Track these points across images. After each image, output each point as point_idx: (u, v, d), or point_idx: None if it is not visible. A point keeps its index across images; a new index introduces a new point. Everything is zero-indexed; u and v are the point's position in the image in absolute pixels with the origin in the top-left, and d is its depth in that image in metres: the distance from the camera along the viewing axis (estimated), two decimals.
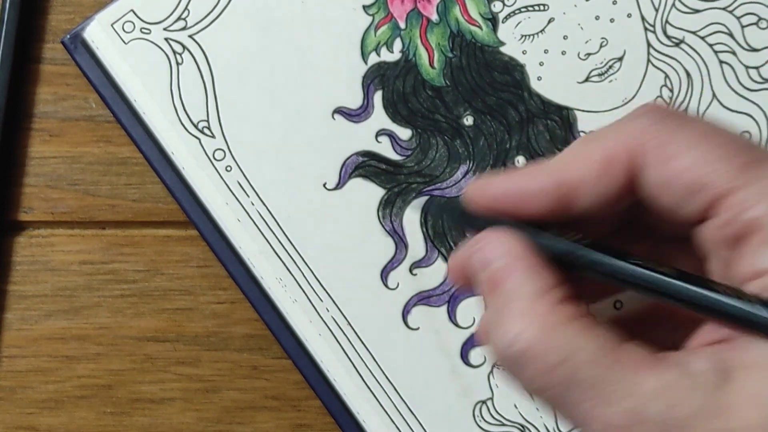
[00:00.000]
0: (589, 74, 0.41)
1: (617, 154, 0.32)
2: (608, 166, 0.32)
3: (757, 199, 0.30)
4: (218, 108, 0.41)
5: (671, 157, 0.31)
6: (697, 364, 0.30)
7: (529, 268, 0.32)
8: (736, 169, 0.30)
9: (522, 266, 0.32)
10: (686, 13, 0.41)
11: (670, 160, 0.31)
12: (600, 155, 0.33)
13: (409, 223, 0.41)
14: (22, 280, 0.44)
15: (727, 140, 0.31)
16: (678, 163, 0.31)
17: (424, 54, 0.42)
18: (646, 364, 0.30)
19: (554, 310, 0.31)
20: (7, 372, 0.44)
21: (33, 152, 0.44)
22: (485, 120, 0.41)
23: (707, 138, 0.31)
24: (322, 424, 0.43)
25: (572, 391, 0.31)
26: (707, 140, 0.31)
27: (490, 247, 0.33)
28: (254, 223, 0.41)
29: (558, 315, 0.31)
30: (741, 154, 0.31)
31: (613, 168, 0.32)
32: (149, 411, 0.44)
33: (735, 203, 0.30)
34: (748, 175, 0.30)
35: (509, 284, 0.32)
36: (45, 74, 0.44)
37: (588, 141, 0.33)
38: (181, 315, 0.43)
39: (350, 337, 0.41)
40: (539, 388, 0.31)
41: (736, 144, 0.31)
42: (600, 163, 0.32)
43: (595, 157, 0.33)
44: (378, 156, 0.41)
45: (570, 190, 0.33)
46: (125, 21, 0.41)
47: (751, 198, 0.30)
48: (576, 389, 0.31)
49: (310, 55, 0.42)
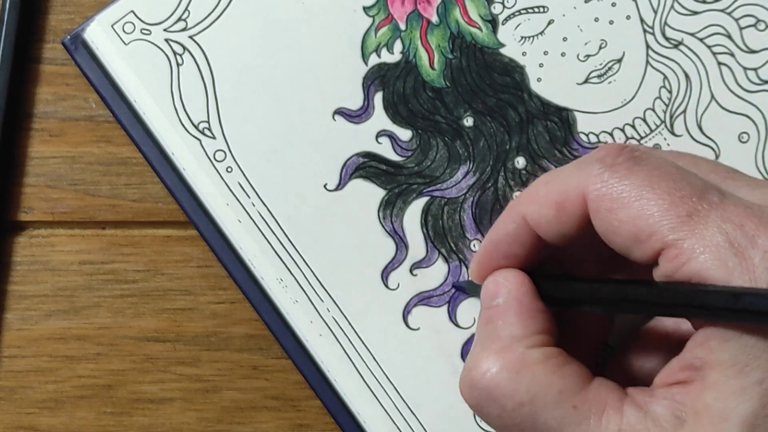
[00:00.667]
0: (588, 76, 0.42)
1: (571, 198, 0.34)
2: (563, 209, 0.35)
3: (697, 250, 0.31)
4: (219, 109, 0.41)
5: (618, 206, 0.33)
6: (657, 408, 0.32)
7: (521, 313, 0.35)
8: (679, 221, 0.32)
9: (516, 309, 0.35)
10: (685, 15, 0.42)
11: (616, 209, 0.33)
12: (555, 198, 0.35)
13: (410, 223, 0.41)
14: (22, 280, 0.44)
15: (672, 188, 0.32)
16: (623, 213, 0.33)
17: (424, 55, 0.42)
18: (611, 405, 0.32)
19: (527, 353, 0.34)
20: (7, 372, 0.44)
21: (33, 152, 0.44)
22: (485, 121, 0.42)
23: (653, 187, 0.32)
24: (322, 424, 0.43)
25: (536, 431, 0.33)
26: (653, 189, 0.32)
27: (495, 284, 0.36)
28: (255, 223, 0.41)
29: (529, 357, 0.33)
30: (684, 203, 0.32)
31: (567, 210, 0.35)
32: (149, 411, 0.44)
33: (678, 254, 0.31)
34: (689, 226, 0.31)
35: (498, 323, 0.35)
36: (45, 74, 0.44)
37: (548, 181, 0.35)
38: (181, 315, 0.44)
39: (351, 338, 0.41)
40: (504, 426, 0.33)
41: (680, 192, 0.32)
42: (556, 205, 0.35)
43: (553, 199, 0.35)
44: (378, 157, 0.41)
45: (535, 227, 0.35)
46: (125, 22, 0.41)
47: (692, 250, 0.31)
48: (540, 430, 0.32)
49: (310, 57, 0.42)
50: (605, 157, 0.34)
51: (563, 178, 0.35)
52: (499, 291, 0.36)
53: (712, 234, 0.31)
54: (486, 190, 0.41)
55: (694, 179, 0.33)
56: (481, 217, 0.41)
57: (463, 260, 0.41)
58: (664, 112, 0.41)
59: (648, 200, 0.32)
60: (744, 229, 0.31)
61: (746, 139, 0.41)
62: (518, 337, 0.34)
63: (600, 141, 0.41)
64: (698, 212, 0.31)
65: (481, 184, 0.41)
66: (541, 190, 0.35)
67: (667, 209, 0.32)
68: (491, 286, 0.36)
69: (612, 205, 0.33)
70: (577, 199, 0.34)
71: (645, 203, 0.32)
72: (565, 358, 0.34)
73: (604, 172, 0.33)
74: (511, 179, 0.41)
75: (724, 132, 0.41)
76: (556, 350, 0.34)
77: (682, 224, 0.31)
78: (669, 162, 0.34)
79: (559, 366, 0.33)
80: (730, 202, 0.32)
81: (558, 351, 0.34)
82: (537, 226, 0.35)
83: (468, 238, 0.41)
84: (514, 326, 0.35)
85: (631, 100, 0.41)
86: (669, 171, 0.33)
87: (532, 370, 0.33)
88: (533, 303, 0.35)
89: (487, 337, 0.35)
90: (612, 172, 0.33)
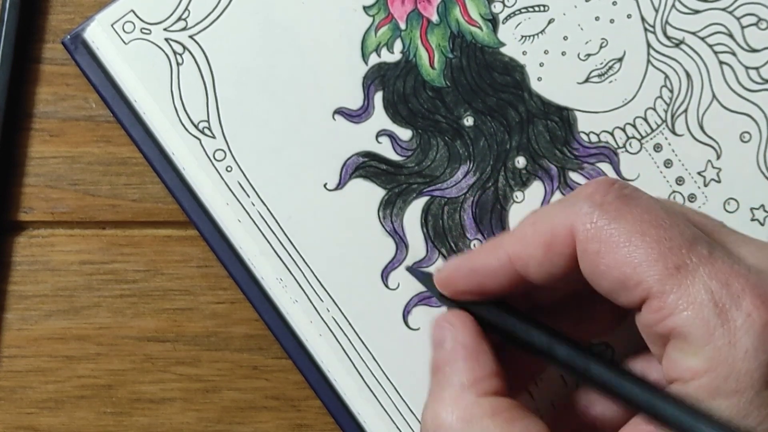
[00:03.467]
0: (589, 75, 0.41)
1: (560, 237, 0.34)
2: (552, 248, 0.34)
3: (681, 306, 0.31)
4: (219, 108, 0.41)
5: (606, 250, 0.32)
6: None
7: (466, 357, 0.34)
8: (666, 273, 0.31)
9: (463, 354, 0.35)
10: (686, 14, 0.42)
11: (604, 253, 0.33)
12: (544, 238, 0.34)
13: (410, 223, 0.41)
14: (22, 280, 0.44)
15: (662, 236, 0.32)
16: (611, 258, 0.32)
17: (424, 55, 0.42)
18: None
19: (479, 402, 0.33)
20: (7, 372, 0.44)
21: (33, 152, 0.44)
22: (485, 120, 0.42)
23: (642, 234, 0.32)
24: (322, 424, 0.43)
25: None
26: (642, 236, 0.32)
27: (441, 330, 0.36)
28: (255, 223, 0.41)
29: (482, 408, 0.33)
30: (673, 254, 0.31)
31: (556, 250, 0.34)
32: (149, 411, 0.44)
33: (661, 307, 0.31)
34: (675, 280, 0.31)
35: (447, 370, 0.35)
36: (45, 74, 0.44)
37: (536, 220, 0.35)
38: (181, 315, 0.44)
39: (351, 338, 0.41)
40: None
41: (670, 242, 0.32)
42: (544, 245, 0.34)
43: (541, 239, 0.34)
44: (378, 156, 0.41)
45: (522, 268, 0.35)
46: (125, 21, 0.41)
47: (675, 305, 0.31)
48: None
49: (310, 56, 0.42)
50: (594, 194, 0.33)
51: (551, 217, 0.34)
52: (444, 336, 0.35)
53: (698, 290, 0.31)
54: (486, 189, 0.41)
55: (684, 228, 0.32)
56: (482, 217, 0.41)
57: None
58: (666, 111, 0.41)
59: (637, 247, 0.32)
60: (730, 289, 0.31)
61: (748, 138, 0.41)
62: (467, 385, 0.34)
63: (600, 140, 0.41)
64: (686, 266, 0.31)
65: (482, 183, 0.41)
66: (528, 230, 0.35)
67: (656, 260, 0.31)
68: (437, 332, 0.36)
69: (600, 247, 0.32)
70: (566, 239, 0.33)
71: (634, 250, 0.32)
72: (516, 412, 0.33)
73: (593, 211, 0.33)
74: (512, 179, 0.41)
75: (726, 131, 0.41)
76: (507, 402, 0.34)
77: (669, 276, 0.31)
78: (659, 206, 0.33)
79: (509, 421, 0.33)
80: (719, 256, 0.31)
81: (510, 404, 0.34)
82: (524, 267, 0.35)
83: (468, 238, 0.41)
84: (462, 372, 0.34)
85: (632, 100, 0.41)
86: (659, 216, 0.32)
87: (481, 423, 0.33)
88: (479, 345, 0.35)
89: (437, 385, 0.35)
90: (602, 212, 0.33)
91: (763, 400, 0.30)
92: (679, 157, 0.41)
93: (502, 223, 0.41)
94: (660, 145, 0.41)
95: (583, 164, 0.41)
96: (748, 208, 0.41)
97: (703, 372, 0.31)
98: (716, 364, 0.30)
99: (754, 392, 0.30)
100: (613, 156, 0.41)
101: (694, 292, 0.31)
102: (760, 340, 0.30)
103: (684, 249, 0.31)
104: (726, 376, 0.30)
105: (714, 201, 0.41)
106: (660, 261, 0.31)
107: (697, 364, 0.31)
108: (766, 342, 0.30)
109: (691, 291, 0.31)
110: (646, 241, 0.32)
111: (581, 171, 0.41)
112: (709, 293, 0.31)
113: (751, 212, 0.41)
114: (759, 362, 0.30)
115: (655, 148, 0.41)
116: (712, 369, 0.30)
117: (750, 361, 0.30)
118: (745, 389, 0.30)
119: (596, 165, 0.41)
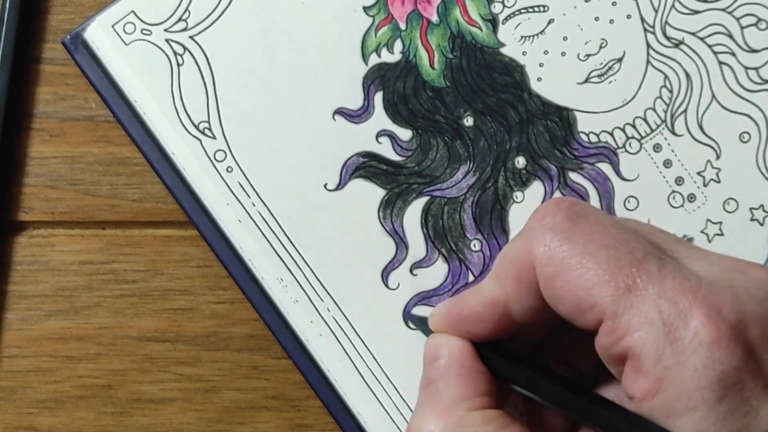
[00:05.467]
0: (588, 75, 0.42)
1: (524, 268, 0.34)
2: (521, 281, 0.34)
3: (633, 327, 0.31)
4: (219, 109, 0.41)
5: (560, 273, 0.33)
6: None
7: (461, 375, 0.35)
8: (617, 294, 0.31)
9: (457, 371, 0.35)
10: (686, 14, 0.42)
11: (559, 275, 0.33)
12: (512, 272, 0.34)
13: (410, 223, 0.41)
14: (22, 280, 0.44)
15: (612, 257, 0.32)
16: (564, 281, 0.33)
17: (424, 55, 0.42)
18: None
19: (467, 416, 0.34)
20: (7, 372, 0.44)
21: (33, 152, 0.44)
22: (485, 121, 0.42)
23: (593, 254, 0.32)
24: (322, 424, 0.43)
25: None
26: (593, 257, 0.32)
27: (437, 346, 0.36)
28: (255, 223, 0.41)
29: (469, 421, 0.33)
30: (623, 273, 0.32)
31: (525, 281, 0.34)
32: (149, 411, 0.44)
33: (615, 328, 0.32)
34: (627, 300, 0.31)
35: (440, 385, 0.35)
36: (45, 74, 0.44)
37: (503, 257, 0.35)
38: (181, 315, 0.44)
39: (351, 337, 0.41)
40: None
41: (619, 262, 0.32)
42: (514, 279, 0.34)
43: (510, 274, 0.34)
44: (378, 157, 0.41)
45: (504, 308, 0.35)
46: (126, 22, 0.41)
47: (628, 325, 0.31)
48: None
49: (310, 56, 0.42)
50: (544, 216, 0.34)
51: (514, 250, 0.34)
52: (440, 352, 0.36)
53: (648, 310, 0.31)
54: (486, 189, 0.41)
55: (635, 245, 0.32)
56: (482, 217, 0.41)
57: (463, 260, 0.41)
58: (665, 111, 0.41)
59: (588, 269, 0.32)
60: (678, 307, 0.31)
61: (747, 138, 0.41)
62: (459, 400, 0.34)
63: (600, 140, 0.41)
64: (636, 286, 0.31)
65: (481, 183, 0.41)
66: (498, 269, 0.35)
67: (607, 281, 0.32)
68: (432, 348, 0.36)
69: (555, 271, 0.33)
70: (530, 267, 0.34)
71: (585, 272, 0.32)
72: (505, 420, 0.34)
73: (545, 234, 0.33)
74: (511, 179, 0.41)
75: (725, 131, 0.41)
76: (496, 413, 0.34)
77: (620, 297, 0.31)
78: (610, 223, 0.33)
79: (499, 429, 0.33)
80: (668, 272, 0.32)
81: (498, 413, 0.34)
82: (505, 307, 0.35)
83: (468, 238, 0.41)
84: (455, 389, 0.34)
85: (632, 100, 0.41)
86: (609, 235, 0.33)
87: (473, 431, 0.33)
88: (474, 365, 0.35)
89: (427, 399, 0.35)
90: (553, 234, 0.33)
91: (718, 415, 0.30)
92: (678, 158, 0.41)
93: (501, 223, 0.41)
94: (659, 145, 0.41)
95: (582, 164, 0.41)
96: (748, 208, 0.41)
97: (655, 392, 0.31)
98: (667, 383, 0.30)
99: (708, 408, 0.30)
100: (613, 156, 0.41)
101: (645, 311, 0.31)
102: (708, 357, 0.30)
103: (634, 268, 0.32)
104: (677, 396, 0.30)
105: (713, 201, 0.41)
106: (611, 282, 0.32)
107: (650, 384, 0.31)
108: (715, 358, 0.30)
109: (642, 311, 0.31)
110: (596, 262, 0.32)
111: (581, 171, 0.41)
112: (657, 312, 0.31)
113: (751, 212, 0.41)
114: (709, 379, 0.30)
115: (655, 148, 0.41)
116: (664, 389, 0.31)
117: (700, 379, 0.30)
118: (698, 406, 0.30)
119: (596, 165, 0.41)
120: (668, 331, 0.30)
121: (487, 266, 0.41)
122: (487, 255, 0.41)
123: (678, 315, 0.31)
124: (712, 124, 0.41)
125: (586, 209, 0.34)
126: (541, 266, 0.33)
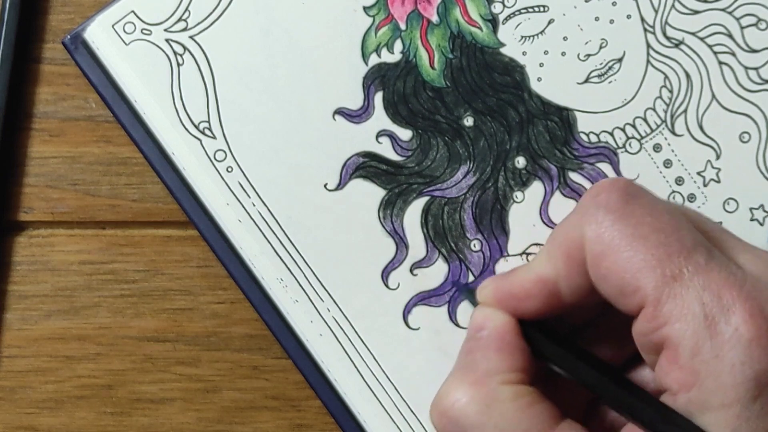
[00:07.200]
0: (588, 75, 0.42)
1: (575, 245, 0.34)
2: (571, 258, 0.34)
3: (674, 316, 0.31)
4: (219, 109, 0.41)
5: (608, 252, 0.33)
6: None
7: (500, 349, 0.35)
8: (663, 281, 0.31)
9: (497, 344, 0.35)
10: (686, 14, 0.42)
11: (606, 255, 0.33)
12: (562, 249, 0.34)
13: (410, 223, 0.41)
14: (22, 280, 0.44)
15: (661, 242, 0.32)
16: (611, 261, 0.32)
17: (424, 55, 0.42)
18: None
19: (499, 388, 0.34)
20: (7, 372, 0.44)
21: (33, 152, 0.44)
22: (485, 121, 0.42)
23: (643, 238, 0.32)
24: (322, 424, 0.43)
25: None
26: (643, 240, 0.32)
27: (483, 318, 0.36)
28: (255, 223, 0.41)
29: (501, 393, 0.34)
30: (671, 261, 0.32)
31: (575, 259, 0.34)
32: (149, 411, 0.44)
33: (656, 316, 0.32)
34: (671, 289, 0.31)
35: (477, 355, 0.35)
36: (45, 74, 0.44)
37: (555, 234, 0.35)
38: (181, 315, 0.44)
39: (351, 337, 0.41)
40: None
41: (669, 248, 0.32)
42: (565, 257, 0.34)
43: (560, 251, 0.34)
44: (378, 157, 0.41)
45: (553, 287, 0.35)
46: (126, 22, 0.41)
47: (669, 315, 0.31)
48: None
49: (310, 56, 0.42)
50: (599, 194, 0.34)
51: (565, 227, 0.34)
52: (485, 324, 0.36)
53: (691, 301, 0.31)
54: (486, 189, 0.41)
55: (685, 233, 0.32)
56: (482, 217, 0.41)
57: (463, 260, 0.41)
58: (665, 111, 0.41)
59: (637, 252, 0.32)
60: (721, 301, 0.31)
61: (747, 138, 0.41)
62: (492, 372, 0.34)
63: (600, 140, 0.41)
64: (682, 275, 0.31)
65: (482, 183, 0.41)
66: (549, 246, 0.35)
67: (654, 267, 0.32)
68: (478, 319, 0.36)
69: (603, 249, 0.33)
70: (581, 245, 0.33)
71: (633, 255, 0.32)
72: (535, 397, 0.34)
73: (598, 211, 0.33)
74: (512, 179, 0.41)
75: (725, 132, 0.41)
76: (527, 389, 0.34)
77: (665, 285, 0.31)
78: (662, 207, 0.33)
79: (528, 405, 0.33)
80: (715, 265, 0.32)
81: (529, 390, 0.34)
82: (554, 286, 0.35)
83: (468, 238, 0.41)
84: (491, 361, 0.35)
85: (632, 100, 0.41)
86: (662, 219, 0.33)
87: (501, 407, 0.33)
88: (515, 341, 0.35)
89: (463, 367, 0.35)
90: (606, 212, 0.33)
91: (752, 413, 0.30)
92: (678, 158, 0.41)
93: (502, 223, 0.41)
94: (659, 145, 0.41)
95: (583, 164, 0.41)
96: (748, 208, 0.41)
97: (691, 385, 0.31)
98: (704, 377, 0.30)
99: (741, 406, 0.30)
100: (613, 156, 0.41)
101: (687, 302, 0.31)
102: (746, 354, 0.30)
103: (682, 257, 0.32)
104: (713, 390, 0.30)
105: (713, 201, 0.41)
106: (658, 268, 0.31)
107: (685, 377, 0.31)
108: (753, 356, 0.30)
109: (685, 302, 0.31)
110: (646, 246, 0.32)
111: (581, 171, 0.41)
112: (701, 305, 0.31)
113: (751, 212, 0.41)
114: (745, 376, 0.30)
115: (655, 148, 0.41)
116: (700, 382, 0.31)
117: (736, 375, 0.30)
118: (732, 403, 0.30)
119: (596, 165, 0.41)
120: (709, 325, 0.30)
121: (487, 266, 0.41)
122: (487, 255, 0.41)
123: (720, 309, 0.31)
124: (712, 124, 0.41)
125: (640, 191, 0.34)
126: (590, 243, 0.33)
